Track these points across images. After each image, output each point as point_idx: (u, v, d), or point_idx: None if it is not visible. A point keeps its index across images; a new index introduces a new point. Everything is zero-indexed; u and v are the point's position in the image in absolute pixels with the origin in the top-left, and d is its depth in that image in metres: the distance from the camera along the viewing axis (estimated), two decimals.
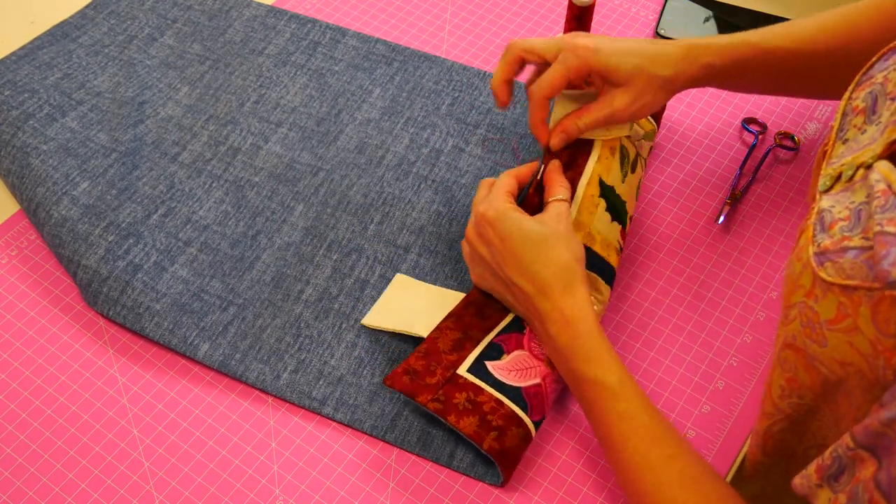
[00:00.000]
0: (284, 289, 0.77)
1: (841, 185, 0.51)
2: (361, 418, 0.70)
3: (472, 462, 0.68)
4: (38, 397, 0.72)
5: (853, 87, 0.55)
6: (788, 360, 0.53)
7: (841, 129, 0.55)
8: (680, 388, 0.72)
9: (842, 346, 0.47)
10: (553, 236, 0.67)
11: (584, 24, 0.90)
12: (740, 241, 0.81)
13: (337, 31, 0.96)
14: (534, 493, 0.67)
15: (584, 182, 0.72)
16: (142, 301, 0.74)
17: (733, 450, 0.69)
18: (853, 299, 0.45)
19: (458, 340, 0.70)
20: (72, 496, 0.67)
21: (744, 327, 0.76)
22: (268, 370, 0.72)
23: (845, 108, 0.55)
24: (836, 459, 0.44)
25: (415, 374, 0.68)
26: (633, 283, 0.78)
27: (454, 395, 0.67)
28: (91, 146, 0.84)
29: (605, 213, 0.73)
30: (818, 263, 0.48)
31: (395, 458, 0.69)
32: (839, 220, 0.48)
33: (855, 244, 0.46)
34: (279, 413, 0.71)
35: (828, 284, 0.47)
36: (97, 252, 0.76)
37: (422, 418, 0.70)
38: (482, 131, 0.88)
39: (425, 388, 0.67)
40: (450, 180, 0.84)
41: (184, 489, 0.67)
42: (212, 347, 0.73)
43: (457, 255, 0.79)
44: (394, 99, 0.90)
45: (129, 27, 0.96)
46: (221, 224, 0.81)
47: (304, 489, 0.67)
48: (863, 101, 0.53)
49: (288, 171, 0.84)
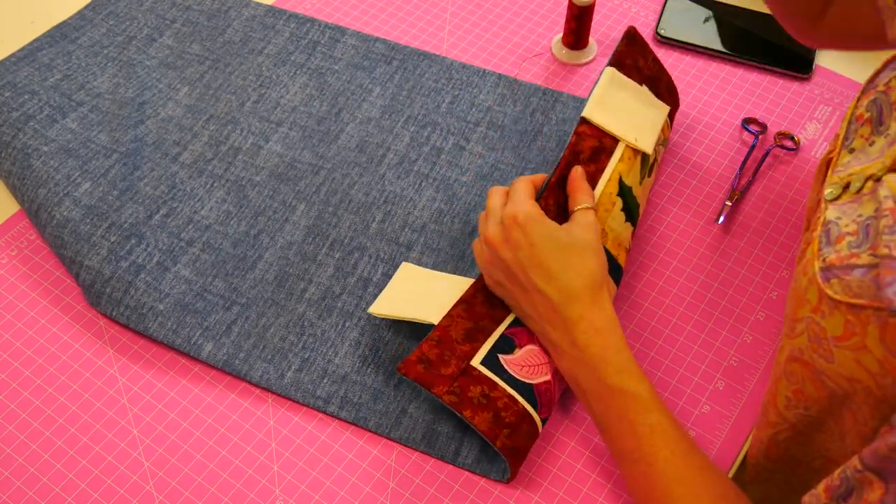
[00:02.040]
0: (287, 288, 0.77)
1: (849, 196, 0.50)
2: (366, 416, 0.70)
3: (478, 458, 0.68)
4: (38, 397, 0.72)
5: (860, 94, 0.55)
6: (795, 373, 0.53)
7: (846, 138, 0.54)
8: (680, 387, 0.72)
9: (849, 362, 0.47)
10: (582, 245, 0.66)
11: (584, 24, 0.90)
12: (740, 241, 0.81)
13: (336, 31, 0.96)
14: (534, 493, 0.67)
15: (604, 179, 0.73)
16: (145, 301, 0.74)
17: (733, 450, 0.69)
18: (861, 318, 0.45)
19: (469, 330, 0.69)
20: (72, 496, 0.67)
21: (744, 327, 0.76)
22: (272, 369, 0.72)
23: (851, 115, 0.55)
24: (845, 480, 0.44)
25: (429, 364, 0.67)
26: (633, 284, 0.78)
27: (469, 389, 0.66)
28: (92, 147, 0.84)
29: (620, 213, 0.73)
30: (824, 279, 0.47)
31: (396, 458, 0.69)
32: (846, 234, 0.48)
33: (863, 262, 0.45)
34: (279, 413, 0.71)
35: (835, 302, 0.46)
36: (100, 253, 0.76)
37: (426, 415, 0.70)
38: (482, 129, 0.88)
39: (440, 378, 0.66)
40: (451, 178, 0.84)
41: (184, 489, 0.67)
42: (215, 347, 0.73)
43: (458, 252, 0.79)
44: (394, 97, 0.90)
45: (128, 28, 0.96)
46: (223, 224, 0.81)
47: (304, 489, 0.67)
48: (867, 109, 0.53)
49: (289, 171, 0.85)
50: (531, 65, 0.94)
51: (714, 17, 0.97)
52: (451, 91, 0.91)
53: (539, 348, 0.69)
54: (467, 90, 0.91)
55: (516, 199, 0.68)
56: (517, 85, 0.91)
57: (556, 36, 0.96)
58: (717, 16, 0.97)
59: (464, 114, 0.89)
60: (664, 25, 0.96)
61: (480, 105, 0.90)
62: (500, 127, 0.88)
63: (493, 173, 0.84)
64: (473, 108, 0.89)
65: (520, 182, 0.70)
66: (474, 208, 0.82)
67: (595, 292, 0.65)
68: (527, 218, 0.66)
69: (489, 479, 0.67)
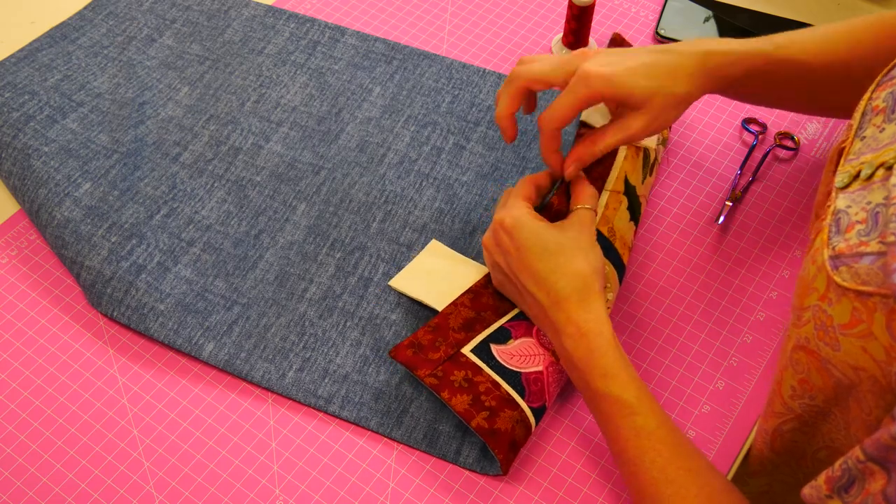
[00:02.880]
0: (288, 288, 0.77)
1: (859, 184, 0.50)
2: (367, 416, 0.70)
3: (478, 458, 0.68)
4: (38, 397, 0.72)
5: (874, 87, 0.55)
6: (801, 362, 0.53)
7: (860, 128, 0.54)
8: (680, 387, 0.72)
9: (855, 350, 0.47)
10: (571, 246, 0.66)
11: (584, 24, 0.90)
12: (740, 241, 0.81)
13: (336, 30, 0.96)
14: (534, 493, 0.67)
15: (612, 178, 0.73)
16: (146, 301, 0.74)
17: (733, 450, 0.69)
18: (868, 305, 0.45)
19: (469, 320, 0.70)
20: (72, 496, 0.67)
21: (744, 327, 0.76)
22: (273, 369, 0.72)
23: (865, 107, 0.55)
24: (847, 471, 0.44)
25: (419, 348, 0.69)
26: (633, 284, 0.78)
27: (452, 373, 0.67)
28: (92, 147, 0.85)
29: (625, 212, 0.74)
30: (833, 267, 0.47)
31: (396, 458, 0.69)
32: (856, 222, 0.48)
33: (871, 249, 0.45)
34: (279, 413, 0.71)
35: (842, 289, 0.46)
36: (100, 253, 0.76)
37: (428, 415, 0.70)
38: (483, 129, 0.88)
39: (426, 362, 0.68)
40: (451, 178, 0.84)
41: (184, 489, 0.67)
42: (217, 347, 0.73)
43: (459, 252, 0.79)
44: (394, 97, 0.90)
45: (128, 28, 0.96)
46: (224, 224, 0.81)
47: (304, 489, 0.67)
48: (883, 101, 0.53)
49: (289, 171, 0.85)
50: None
51: (714, 17, 0.97)
52: (451, 91, 0.91)
53: (536, 340, 0.69)
54: (467, 90, 0.91)
55: (508, 202, 0.69)
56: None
57: (556, 36, 0.96)
58: (717, 16, 0.97)
59: (464, 113, 0.89)
60: (664, 25, 0.96)
61: (480, 104, 0.90)
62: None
63: (493, 173, 0.84)
64: (473, 107, 0.89)
65: (520, 183, 0.71)
66: (475, 208, 0.82)
67: (583, 294, 0.64)
68: (514, 222, 0.67)
69: (489, 476, 0.67)
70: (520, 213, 0.67)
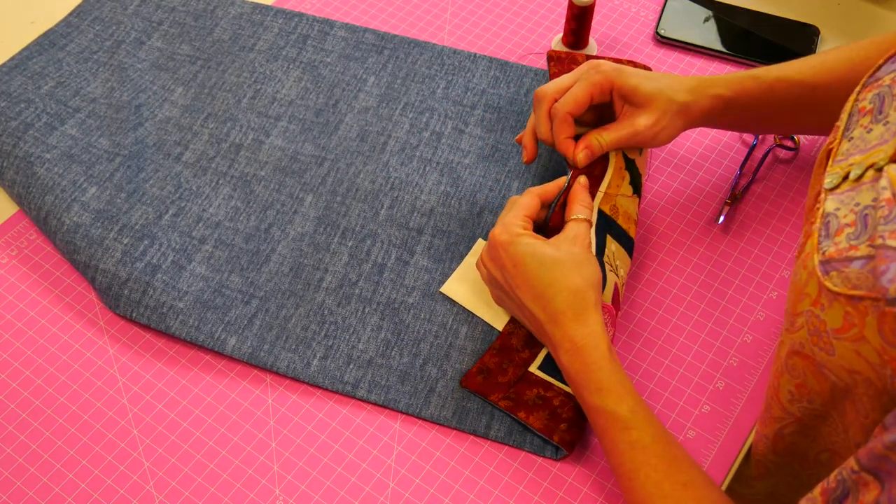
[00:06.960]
0: (304, 278, 0.78)
1: (848, 185, 0.50)
2: (396, 398, 0.71)
3: (509, 431, 0.70)
4: (38, 397, 0.72)
5: (860, 88, 0.55)
6: (797, 367, 0.53)
7: (847, 129, 0.54)
8: (680, 388, 0.72)
9: (849, 354, 0.47)
10: (566, 261, 0.67)
11: (584, 23, 0.90)
12: (740, 241, 0.81)
13: (325, 24, 0.96)
14: (534, 494, 0.67)
15: (613, 154, 0.75)
16: (164, 300, 0.74)
17: (733, 450, 0.69)
18: (859, 309, 0.45)
19: (530, 336, 0.72)
20: (72, 496, 0.67)
21: (744, 327, 0.76)
22: (297, 359, 0.73)
23: (852, 108, 0.55)
24: (841, 483, 0.44)
25: (488, 373, 0.70)
26: (633, 284, 0.78)
27: (525, 393, 0.69)
28: (94, 152, 0.85)
29: (628, 186, 0.75)
30: (823, 272, 0.47)
31: (396, 458, 0.69)
32: (845, 225, 0.48)
33: (861, 253, 0.45)
34: (279, 413, 0.71)
35: (834, 294, 0.46)
36: (114, 255, 0.76)
37: (455, 393, 0.71)
38: (480, 112, 0.89)
39: (497, 386, 0.70)
40: (454, 161, 0.85)
41: (184, 489, 0.67)
42: (239, 341, 0.73)
43: (469, 233, 0.80)
44: (389, 86, 0.91)
45: (115, 32, 0.96)
46: (233, 220, 0.81)
47: (305, 489, 0.67)
48: (870, 102, 0.53)
49: (293, 163, 0.85)
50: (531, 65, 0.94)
51: (714, 17, 0.97)
52: (444, 76, 0.92)
53: None
54: (461, 75, 0.92)
55: (505, 218, 0.70)
56: (509, 67, 0.93)
57: (556, 36, 0.96)
58: (717, 16, 0.97)
59: (459, 98, 0.90)
60: (664, 25, 0.96)
61: (475, 88, 0.91)
62: (497, 108, 0.89)
63: (494, 154, 0.86)
64: (468, 91, 0.90)
65: (524, 196, 0.72)
66: (480, 189, 0.83)
67: (579, 309, 0.65)
68: (509, 237, 0.68)
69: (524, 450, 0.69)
70: (514, 229, 0.69)
